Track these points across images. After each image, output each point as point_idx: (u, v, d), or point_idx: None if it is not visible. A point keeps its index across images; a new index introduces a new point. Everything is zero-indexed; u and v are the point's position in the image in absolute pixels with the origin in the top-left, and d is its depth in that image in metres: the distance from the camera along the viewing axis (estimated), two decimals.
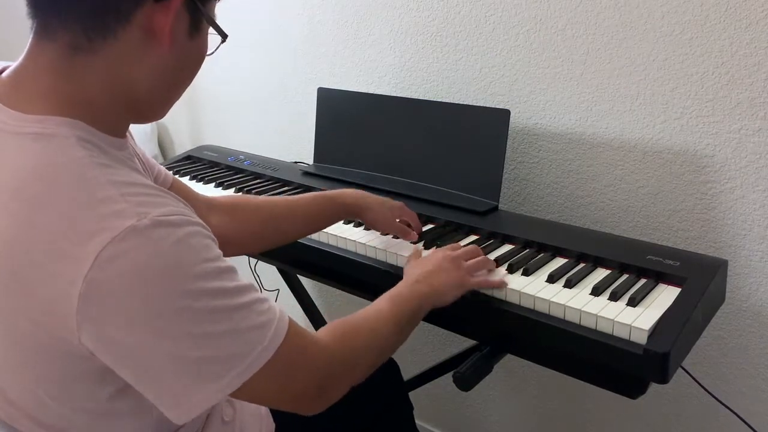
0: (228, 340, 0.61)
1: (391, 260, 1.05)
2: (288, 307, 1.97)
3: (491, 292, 0.93)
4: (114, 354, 0.59)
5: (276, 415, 0.93)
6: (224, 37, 0.73)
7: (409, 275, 0.90)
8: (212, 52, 0.74)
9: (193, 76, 0.73)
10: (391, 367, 1.12)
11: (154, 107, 0.71)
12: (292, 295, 1.66)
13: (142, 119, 0.72)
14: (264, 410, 0.92)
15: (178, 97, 0.74)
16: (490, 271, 0.97)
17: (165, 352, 0.59)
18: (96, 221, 0.57)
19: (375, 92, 1.55)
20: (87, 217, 0.57)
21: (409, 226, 1.11)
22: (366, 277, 1.10)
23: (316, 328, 1.64)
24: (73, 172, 0.60)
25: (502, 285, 0.93)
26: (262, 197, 1.08)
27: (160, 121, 2.54)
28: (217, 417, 0.87)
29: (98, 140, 0.64)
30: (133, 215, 0.57)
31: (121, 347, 0.59)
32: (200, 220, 0.63)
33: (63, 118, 0.62)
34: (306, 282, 1.75)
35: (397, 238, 1.10)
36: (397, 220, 1.10)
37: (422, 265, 0.92)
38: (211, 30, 0.72)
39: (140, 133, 2.21)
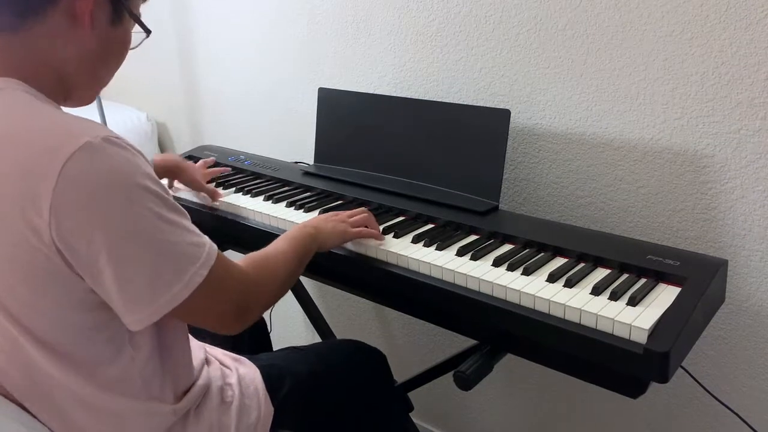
0: (173, 251, 0.71)
1: (392, 260, 1.05)
2: (288, 306, 1.97)
3: (491, 290, 0.94)
4: (84, 263, 0.68)
5: (274, 399, 0.97)
6: (147, 32, 0.83)
7: (304, 222, 1.04)
8: (136, 46, 0.84)
9: (118, 64, 0.82)
10: (376, 357, 1.16)
11: (80, 89, 0.80)
12: (292, 294, 1.66)
13: (69, 101, 0.80)
14: (263, 394, 0.96)
15: (104, 83, 0.83)
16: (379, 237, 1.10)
17: (122, 256, 0.68)
18: (57, 140, 0.66)
19: (375, 92, 1.55)
20: (48, 138, 0.66)
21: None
22: (366, 277, 1.10)
23: (317, 328, 1.65)
24: (31, 108, 0.71)
25: (378, 237, 1.09)
26: None
27: (160, 121, 2.54)
28: (216, 396, 0.90)
29: (42, 98, 0.74)
30: (87, 134, 0.66)
31: (88, 254, 0.67)
32: (140, 150, 0.74)
33: (7, 78, 0.73)
34: (306, 282, 1.75)
35: (397, 237, 1.11)
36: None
37: (313, 219, 1.08)
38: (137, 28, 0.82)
39: (140, 134, 2.22)
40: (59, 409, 0.76)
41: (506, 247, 1.07)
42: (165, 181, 1.41)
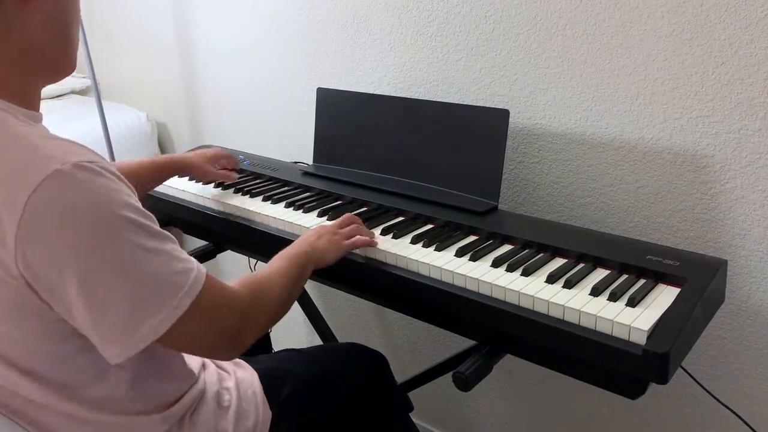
0: (152, 282, 0.67)
1: (390, 260, 1.05)
2: None
3: (490, 291, 0.94)
4: (55, 295, 0.64)
5: (272, 403, 0.96)
6: None
7: (297, 242, 1.02)
8: None
9: (78, 20, 0.78)
10: (377, 360, 1.15)
11: (58, 60, 0.76)
12: None
13: (52, 76, 0.76)
14: (261, 398, 0.95)
15: (76, 45, 0.78)
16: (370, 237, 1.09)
17: (94, 289, 0.64)
18: (24, 167, 0.62)
19: (375, 92, 1.55)
20: (15, 165, 0.62)
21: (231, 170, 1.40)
22: (365, 278, 1.10)
23: (317, 329, 1.65)
24: (4, 129, 0.66)
25: (372, 243, 1.07)
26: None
27: (160, 121, 2.54)
28: (212, 401, 0.89)
29: (14, 111, 0.70)
30: (57, 160, 0.62)
31: (58, 287, 0.63)
32: (120, 174, 0.69)
33: None
34: (306, 283, 1.75)
35: (396, 237, 1.10)
36: (219, 168, 1.37)
37: (308, 235, 1.05)
38: None
39: (141, 133, 2.22)
40: (45, 422, 0.74)
41: (505, 248, 1.06)
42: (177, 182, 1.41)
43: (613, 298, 0.88)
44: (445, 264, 1.00)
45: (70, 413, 0.74)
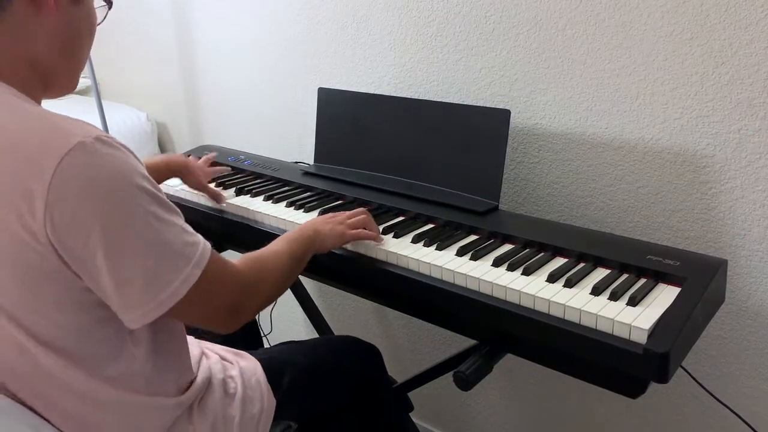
0: (167, 251, 0.71)
1: (391, 260, 1.05)
2: (288, 306, 1.97)
3: (491, 291, 0.94)
4: (81, 261, 0.68)
5: (276, 391, 0.98)
6: (109, 5, 0.84)
7: (304, 224, 1.04)
8: (101, 21, 0.83)
9: (90, 43, 0.81)
10: (370, 352, 1.17)
11: (58, 76, 0.79)
12: (292, 294, 1.66)
13: (51, 91, 0.79)
14: (265, 386, 0.97)
15: (80, 67, 0.81)
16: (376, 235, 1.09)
17: (119, 255, 0.67)
18: (49, 140, 0.66)
19: (375, 92, 1.55)
20: (40, 139, 0.66)
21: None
22: (366, 277, 1.10)
23: (317, 328, 1.65)
24: (22, 110, 0.70)
25: (377, 239, 1.07)
26: None
27: (160, 121, 2.54)
28: (218, 389, 0.92)
29: (24, 98, 0.73)
30: (79, 134, 0.66)
31: (84, 253, 0.67)
32: (132, 150, 0.73)
33: None
34: (306, 281, 1.75)
35: (397, 237, 1.11)
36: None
37: (312, 221, 1.07)
38: (97, 3, 0.81)
39: (141, 133, 2.22)
40: (65, 406, 0.75)
41: (506, 247, 1.07)
42: (177, 180, 1.41)
43: (614, 297, 0.88)
44: (445, 263, 1.00)
45: (92, 395, 0.76)
